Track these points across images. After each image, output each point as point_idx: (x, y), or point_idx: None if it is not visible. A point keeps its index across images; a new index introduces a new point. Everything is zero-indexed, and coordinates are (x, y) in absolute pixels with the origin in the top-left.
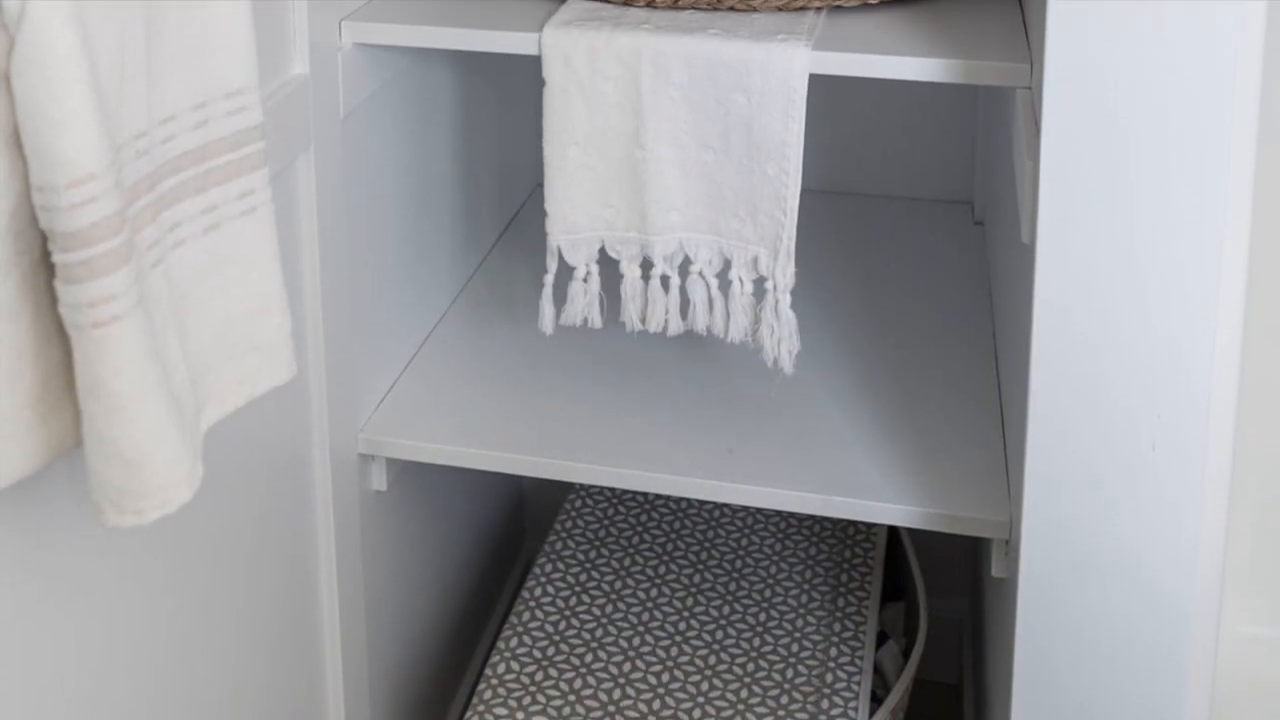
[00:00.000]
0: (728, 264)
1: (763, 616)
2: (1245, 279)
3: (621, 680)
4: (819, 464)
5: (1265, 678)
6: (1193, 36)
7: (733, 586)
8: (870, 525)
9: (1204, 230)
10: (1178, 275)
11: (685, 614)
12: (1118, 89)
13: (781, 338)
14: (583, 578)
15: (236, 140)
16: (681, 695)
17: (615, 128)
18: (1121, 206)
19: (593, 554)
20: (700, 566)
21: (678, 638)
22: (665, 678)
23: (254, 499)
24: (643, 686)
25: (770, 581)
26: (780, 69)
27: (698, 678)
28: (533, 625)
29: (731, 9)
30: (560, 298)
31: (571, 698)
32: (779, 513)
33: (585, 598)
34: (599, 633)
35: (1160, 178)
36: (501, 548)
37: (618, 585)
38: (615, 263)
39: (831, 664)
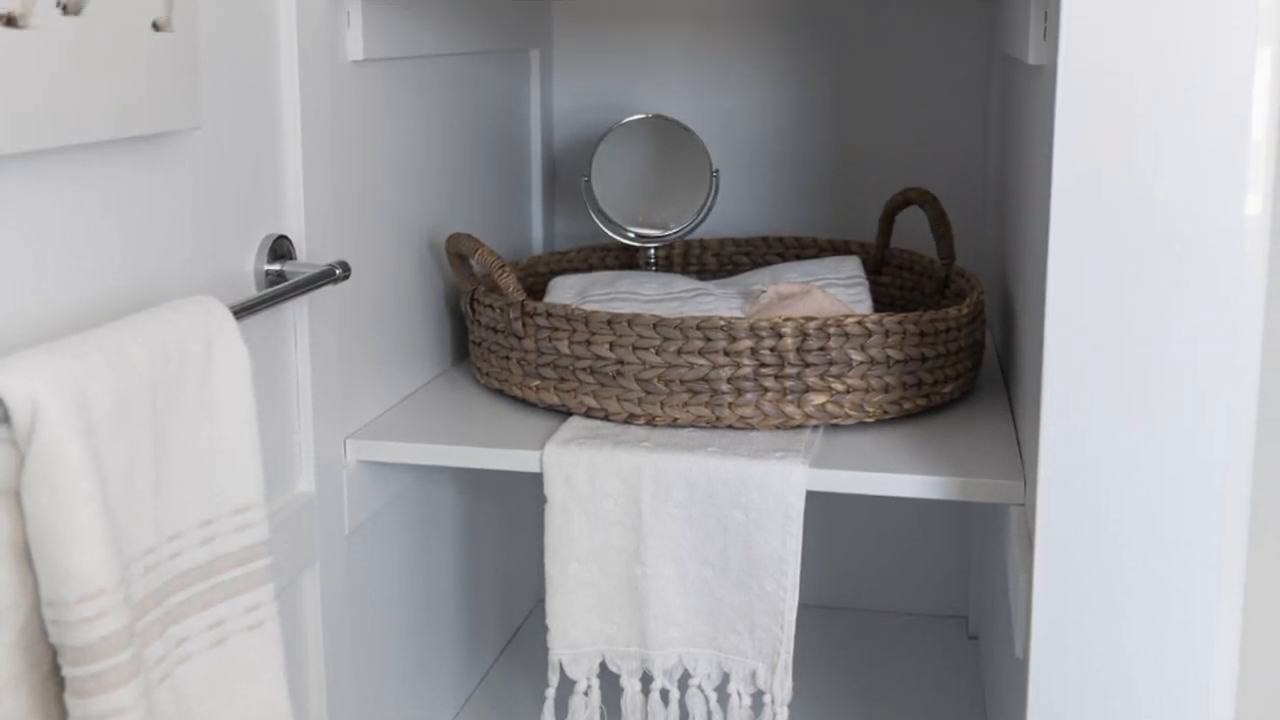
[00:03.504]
0: (726, 678)
1: None
2: (1235, 694)
3: None
4: None
5: None
6: (1184, 452)
7: None
8: None
9: (1196, 648)
10: (1171, 691)
11: None
12: (1111, 506)
13: None
14: None
15: (243, 556)
16: None
17: (616, 545)
18: (1115, 623)
19: None
20: None
21: None
22: None
23: None
24: None
25: None
26: (778, 486)
27: None
28: None
29: (730, 427)
30: (562, 711)
31: None
32: None
33: None
34: None
35: (1153, 594)
36: None
37: None
38: (616, 675)
39: None
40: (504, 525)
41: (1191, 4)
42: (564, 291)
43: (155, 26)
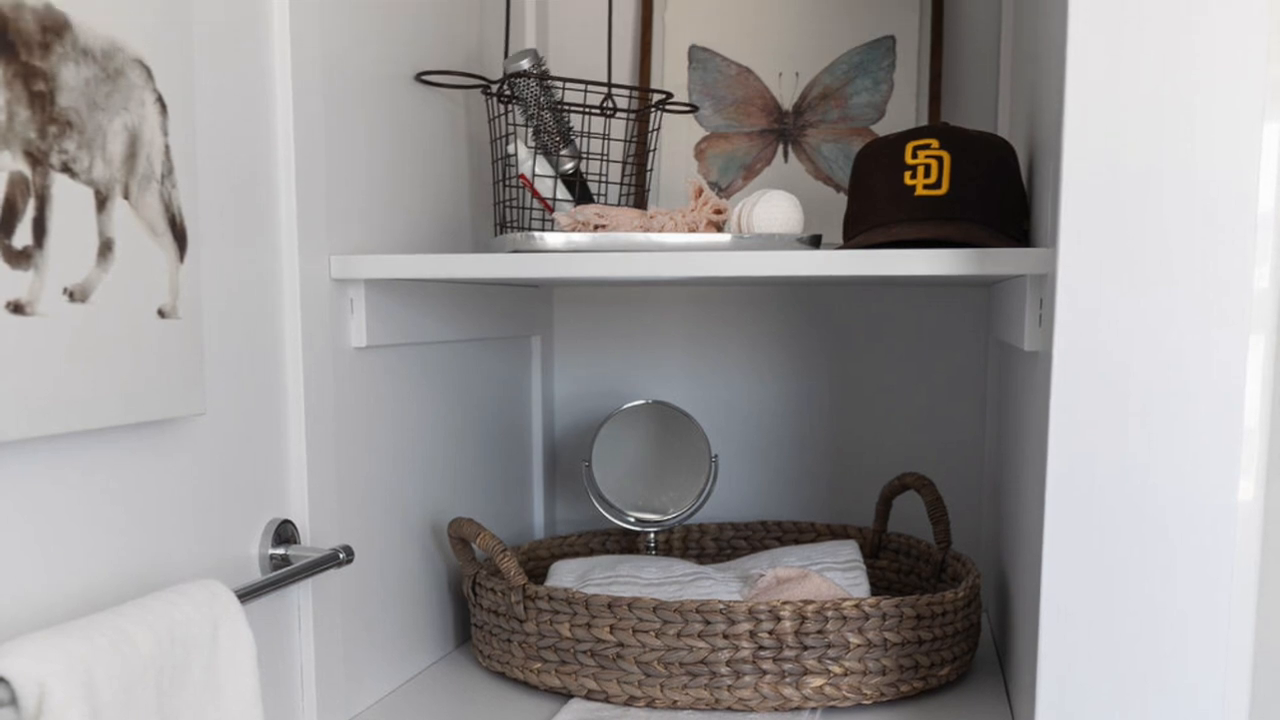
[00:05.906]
0: None
1: None
2: None
3: None
4: None
5: None
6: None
7: None
8: None
9: None
10: None
11: None
12: None
13: None
14: None
15: None
16: None
17: None
18: None
19: None
20: None
21: None
22: None
23: None
24: None
25: None
26: None
27: None
28: None
29: (729, 709)
30: None
31: None
32: None
33: None
34: None
35: None
36: None
37: None
38: None
39: None
40: None
41: (1184, 292)
42: (565, 575)
43: (161, 313)
